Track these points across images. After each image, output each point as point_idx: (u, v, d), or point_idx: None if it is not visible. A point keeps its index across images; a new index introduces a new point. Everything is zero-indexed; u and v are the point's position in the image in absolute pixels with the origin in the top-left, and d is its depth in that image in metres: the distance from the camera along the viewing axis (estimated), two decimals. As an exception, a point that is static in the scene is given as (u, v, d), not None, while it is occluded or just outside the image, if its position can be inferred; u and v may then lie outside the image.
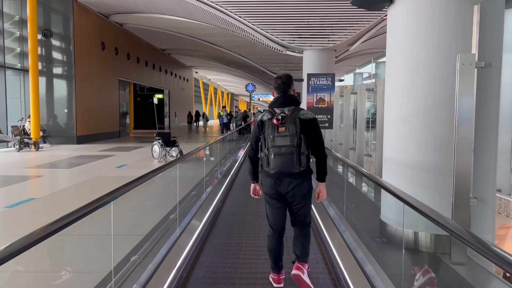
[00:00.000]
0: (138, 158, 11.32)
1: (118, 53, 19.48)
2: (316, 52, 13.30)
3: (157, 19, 16.60)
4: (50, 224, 1.50)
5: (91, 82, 16.74)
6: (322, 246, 3.94)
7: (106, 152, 12.77)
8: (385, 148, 4.25)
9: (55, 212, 3.03)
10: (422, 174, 3.73)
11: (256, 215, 5.10)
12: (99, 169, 9.26)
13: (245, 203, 5.82)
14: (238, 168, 9.29)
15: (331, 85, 9.58)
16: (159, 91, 28.74)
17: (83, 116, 16.12)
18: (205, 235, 4.13)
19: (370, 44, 18.25)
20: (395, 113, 3.98)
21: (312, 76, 9.57)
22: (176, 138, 10.96)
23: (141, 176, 2.67)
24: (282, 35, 12.80)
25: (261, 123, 2.83)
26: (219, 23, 14.29)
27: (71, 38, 15.29)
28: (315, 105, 9.54)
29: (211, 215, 4.80)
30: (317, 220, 4.68)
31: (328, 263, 3.49)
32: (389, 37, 4.13)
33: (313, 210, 5.03)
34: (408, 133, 3.81)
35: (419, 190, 3.75)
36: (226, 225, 4.63)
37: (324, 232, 4.16)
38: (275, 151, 2.69)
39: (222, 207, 5.51)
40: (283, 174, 2.75)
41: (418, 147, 3.73)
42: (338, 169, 8.01)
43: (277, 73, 23.83)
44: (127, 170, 9.12)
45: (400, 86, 3.92)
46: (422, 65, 3.70)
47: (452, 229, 1.64)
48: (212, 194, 5.66)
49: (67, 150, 13.56)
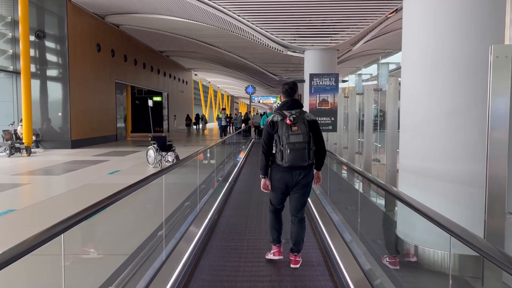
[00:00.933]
0: (133, 163, 10.83)
1: (114, 55, 19.02)
2: (318, 52, 12.82)
3: (155, 20, 16.15)
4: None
5: (86, 84, 16.27)
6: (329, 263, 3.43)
7: (100, 157, 12.28)
8: (401, 154, 3.74)
9: (29, 229, 2.66)
10: (448, 185, 3.23)
11: (258, 225, 4.60)
12: (90, 176, 8.77)
13: (244, 214, 5.31)
14: (237, 174, 8.79)
15: (335, 85, 9.09)
16: (158, 93, 28.30)
17: (78, 120, 15.64)
18: (195, 261, 3.54)
19: (372, 45, 17.79)
20: (415, 115, 3.47)
21: (314, 76, 9.08)
22: (172, 142, 10.47)
23: (113, 194, 2.17)
24: (283, 35, 12.32)
25: (273, 123, 3.29)
26: (217, 23, 13.83)
27: (65, 39, 14.82)
28: (318, 106, 9.05)
29: (205, 231, 4.29)
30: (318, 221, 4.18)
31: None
32: (406, 29, 3.64)
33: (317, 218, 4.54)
34: (431, 137, 3.31)
35: (444, 203, 3.25)
36: (222, 244, 4.12)
37: (327, 238, 3.65)
38: (290, 146, 3.16)
39: (218, 219, 5.01)
40: (295, 167, 3.25)
41: (443, 154, 3.22)
42: (342, 174, 7.52)
43: (277, 74, 23.37)
44: (119, 176, 8.62)
45: (420, 84, 3.42)
46: (447, 59, 3.20)
47: (484, 250, 1.44)
48: (207, 206, 5.17)
49: (60, 155, 13.07)
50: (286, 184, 3.33)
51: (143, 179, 2.78)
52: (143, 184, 2.75)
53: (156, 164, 10.00)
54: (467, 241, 1.57)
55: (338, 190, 5.63)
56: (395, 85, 5.34)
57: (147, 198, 4.38)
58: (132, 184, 2.54)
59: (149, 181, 2.93)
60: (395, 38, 17.89)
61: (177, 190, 5.84)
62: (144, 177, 2.83)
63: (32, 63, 14.89)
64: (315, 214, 5.04)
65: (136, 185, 2.57)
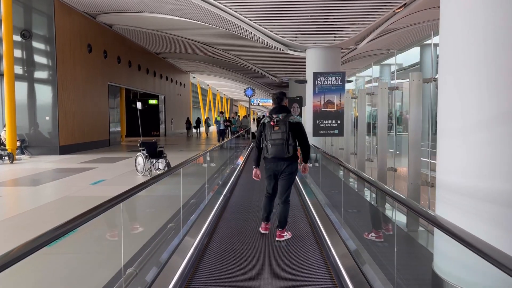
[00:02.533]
0: (121, 171, 9.98)
1: (107, 56, 18.20)
2: (320, 51, 12.00)
3: (148, 19, 15.36)
4: None
5: (76, 87, 15.43)
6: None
7: (88, 164, 11.43)
8: (440, 168, 2.89)
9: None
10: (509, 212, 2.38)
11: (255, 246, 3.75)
12: (70, 186, 7.92)
13: (240, 237, 4.46)
14: (234, 182, 7.94)
15: (341, 85, 8.26)
16: (154, 96, 27.48)
17: (67, 124, 14.80)
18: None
19: (377, 44, 16.98)
20: (461, 119, 2.62)
21: (318, 75, 8.25)
22: (164, 148, 9.62)
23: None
24: (283, 32, 11.50)
25: (263, 124, 4.23)
26: (214, 20, 13.02)
27: (53, 39, 14.01)
28: (322, 108, 8.21)
29: (190, 263, 3.44)
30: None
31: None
32: (447, 4, 2.79)
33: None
34: (486, 148, 2.46)
35: (502, 235, 2.40)
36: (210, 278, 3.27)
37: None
38: (271, 142, 4.11)
39: (208, 244, 4.15)
40: (277, 158, 4.14)
41: (506, 170, 2.37)
42: (350, 182, 6.68)
43: (277, 76, 22.55)
44: (102, 187, 7.76)
45: (467, 78, 2.57)
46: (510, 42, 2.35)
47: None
48: (196, 226, 4.32)
49: (46, 162, 12.23)
50: (274, 172, 4.25)
51: (116, 197, 2.31)
52: (114, 203, 2.24)
53: (145, 172, 9.15)
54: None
55: (350, 204, 4.78)
56: (418, 81, 4.50)
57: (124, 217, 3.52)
58: (97, 206, 2.04)
59: (120, 199, 2.25)
60: (398, 38, 17.12)
61: (161, 208, 5.00)
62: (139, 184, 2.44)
63: (18, 65, 14.09)
64: (327, 242, 4.19)
65: (102, 206, 2.08)
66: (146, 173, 9.12)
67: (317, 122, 8.18)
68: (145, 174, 9.13)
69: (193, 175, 7.16)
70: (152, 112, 27.68)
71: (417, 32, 16.50)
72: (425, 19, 14.41)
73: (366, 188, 5.88)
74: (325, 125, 8.21)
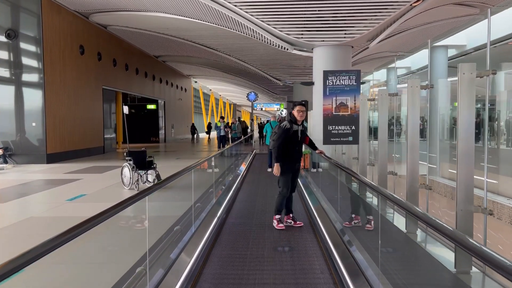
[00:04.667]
0: (107, 184, 8.91)
1: (101, 59, 17.23)
2: (329, 50, 10.92)
3: (144, 18, 14.36)
4: None
5: (66, 90, 14.44)
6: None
7: (73, 175, 10.38)
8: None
9: None
10: None
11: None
12: (43, 203, 6.85)
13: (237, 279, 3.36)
14: (233, 196, 6.83)
15: (356, 85, 7.16)
16: (153, 101, 26.50)
17: (56, 131, 13.79)
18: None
19: (387, 45, 15.88)
20: None
21: (330, 74, 7.16)
22: (153, 158, 8.54)
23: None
24: (288, 29, 10.44)
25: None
26: (213, 18, 12.00)
27: (40, 40, 13.04)
28: (334, 112, 7.12)
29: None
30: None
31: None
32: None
33: None
34: None
35: None
36: None
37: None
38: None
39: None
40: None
41: None
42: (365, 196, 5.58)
43: (281, 79, 21.50)
44: (78, 205, 6.68)
45: None
46: None
47: None
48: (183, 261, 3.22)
49: (29, 172, 11.19)
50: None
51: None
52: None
53: (132, 186, 8.08)
54: None
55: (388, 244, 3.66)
56: (470, 75, 3.40)
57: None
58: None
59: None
60: (406, 40, 16.00)
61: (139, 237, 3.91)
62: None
63: (3, 67, 13.15)
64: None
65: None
66: (133, 186, 8.05)
67: (328, 128, 7.07)
68: (132, 188, 8.06)
69: (183, 190, 6.10)
70: (151, 117, 26.69)
71: (426, 33, 15.45)
72: (437, 17, 13.31)
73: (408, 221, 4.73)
74: (337, 132, 7.10)
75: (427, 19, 13.25)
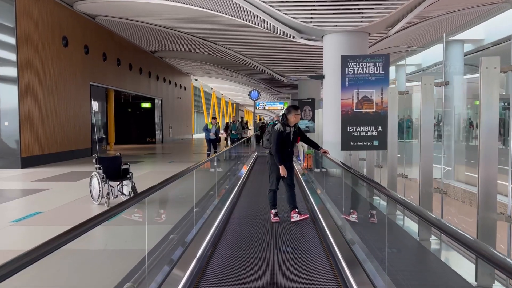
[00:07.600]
0: (75, 196, 7.36)
1: (89, 52, 15.72)
2: (342, 37, 9.31)
3: (134, 6, 12.82)
4: None
5: (46, 87, 12.93)
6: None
7: (41, 183, 8.85)
8: None
9: None
10: None
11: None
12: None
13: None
14: (227, 213, 5.25)
15: (383, 75, 5.57)
16: (149, 99, 24.98)
17: (33, 132, 12.28)
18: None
19: (399, 38, 14.23)
20: None
21: (350, 60, 5.57)
22: (129, 166, 6.96)
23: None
24: (294, 11, 8.84)
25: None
26: (207, 2, 10.43)
27: (14, 29, 11.54)
28: (356, 109, 5.54)
29: None
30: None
31: None
32: None
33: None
34: None
35: None
36: None
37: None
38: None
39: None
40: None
41: None
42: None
43: (285, 75, 19.90)
44: (23, 229, 5.13)
45: None
46: None
47: None
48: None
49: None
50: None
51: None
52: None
53: (102, 200, 6.52)
54: None
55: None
56: (494, 70, 2.42)
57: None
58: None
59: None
60: (424, 32, 14.37)
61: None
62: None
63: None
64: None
65: None
66: (103, 200, 6.49)
67: (347, 130, 5.47)
68: (101, 203, 6.50)
69: (169, 204, 4.63)
70: (146, 116, 25.16)
71: (442, 26, 13.87)
72: (457, 6, 11.69)
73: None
74: (358, 134, 5.50)
75: (446, 8, 11.64)
